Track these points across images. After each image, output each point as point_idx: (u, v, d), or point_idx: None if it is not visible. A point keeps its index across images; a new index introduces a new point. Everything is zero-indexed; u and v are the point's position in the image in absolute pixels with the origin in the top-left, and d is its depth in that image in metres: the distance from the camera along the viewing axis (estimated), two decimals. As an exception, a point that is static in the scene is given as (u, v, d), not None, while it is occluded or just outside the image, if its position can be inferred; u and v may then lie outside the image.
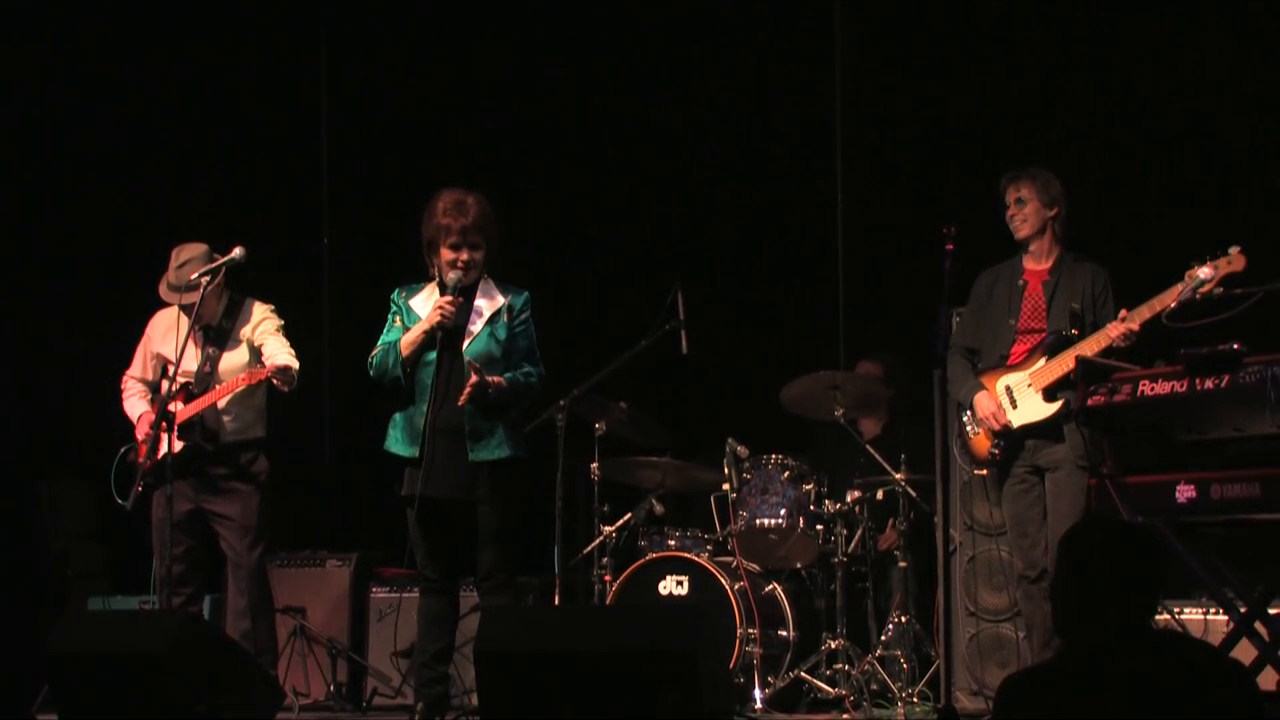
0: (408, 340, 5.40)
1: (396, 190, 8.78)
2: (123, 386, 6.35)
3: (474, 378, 5.29)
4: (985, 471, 6.00)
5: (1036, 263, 5.82)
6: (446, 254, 5.43)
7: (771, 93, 8.34)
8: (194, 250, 6.12)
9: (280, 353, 6.03)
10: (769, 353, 8.02)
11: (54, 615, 6.84)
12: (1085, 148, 7.39)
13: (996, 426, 5.67)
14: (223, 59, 8.51)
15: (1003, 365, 5.76)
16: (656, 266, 7.89)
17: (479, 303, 5.47)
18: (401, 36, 8.76)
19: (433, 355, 5.37)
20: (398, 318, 5.52)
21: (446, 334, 5.36)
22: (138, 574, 7.15)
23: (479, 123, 8.68)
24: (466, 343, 5.41)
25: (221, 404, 6.09)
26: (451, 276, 5.39)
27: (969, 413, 5.82)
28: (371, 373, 5.51)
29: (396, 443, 5.47)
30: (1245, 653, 4.51)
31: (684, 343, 6.78)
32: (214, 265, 5.97)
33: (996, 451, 5.72)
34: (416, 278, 5.61)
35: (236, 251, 5.95)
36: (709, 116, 8.47)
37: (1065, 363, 5.47)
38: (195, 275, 5.93)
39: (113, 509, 6.18)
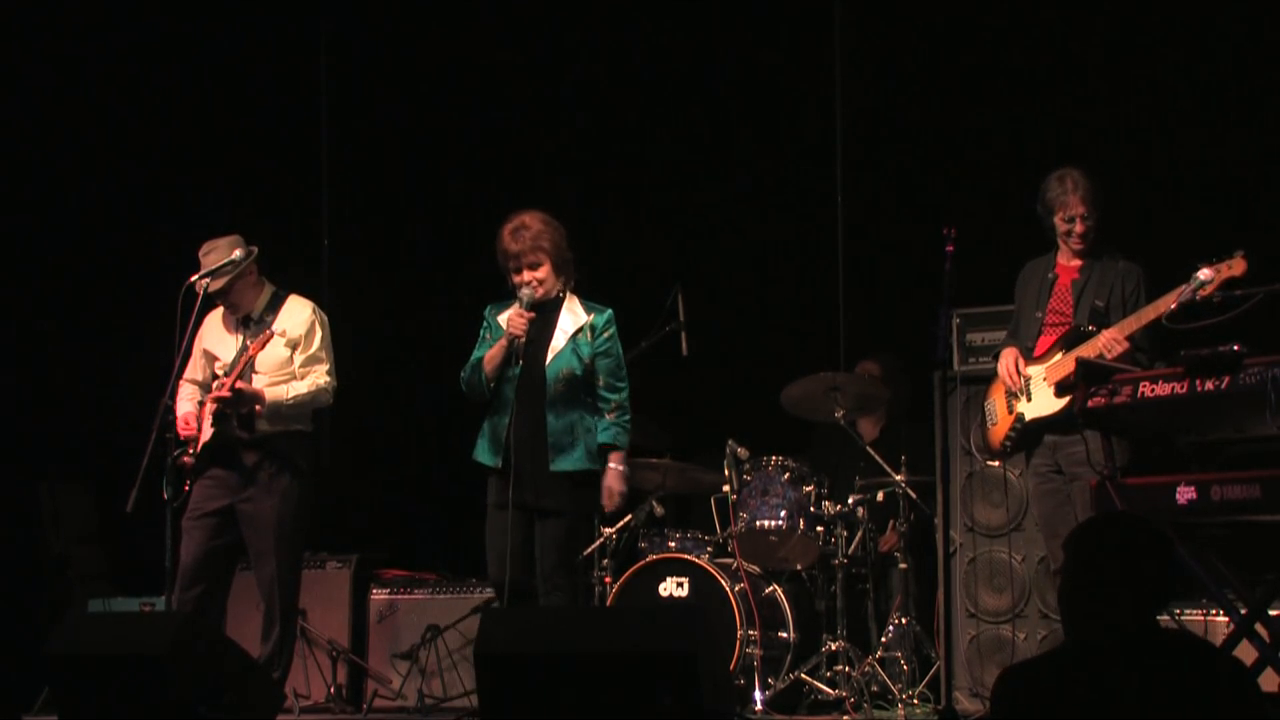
0: (489, 356, 5.54)
1: (397, 190, 8.81)
2: (177, 391, 6.24)
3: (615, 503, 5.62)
4: (997, 463, 5.93)
5: (1069, 258, 5.79)
6: (515, 277, 5.56)
7: (772, 92, 8.34)
8: (218, 242, 6.07)
9: (279, 384, 5.96)
10: (769, 353, 8.02)
11: (54, 617, 6.83)
12: (1085, 147, 7.38)
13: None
14: (224, 59, 8.51)
15: (1029, 358, 5.72)
16: (656, 267, 7.89)
17: (563, 319, 5.58)
18: (403, 36, 8.76)
19: (516, 370, 5.48)
20: (488, 334, 5.64)
21: (527, 348, 5.49)
22: (138, 576, 7.15)
23: (479, 124, 8.68)
24: (550, 358, 5.52)
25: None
26: (525, 293, 5.51)
27: (991, 398, 5.82)
28: (463, 388, 5.62)
29: (483, 453, 5.56)
30: (1246, 654, 4.49)
31: (684, 344, 6.78)
32: (211, 268, 5.94)
33: (1008, 444, 5.72)
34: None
35: (236, 253, 5.94)
36: (709, 116, 8.47)
37: (1071, 361, 5.40)
38: (194, 278, 5.91)
39: (113, 512, 6.15)
